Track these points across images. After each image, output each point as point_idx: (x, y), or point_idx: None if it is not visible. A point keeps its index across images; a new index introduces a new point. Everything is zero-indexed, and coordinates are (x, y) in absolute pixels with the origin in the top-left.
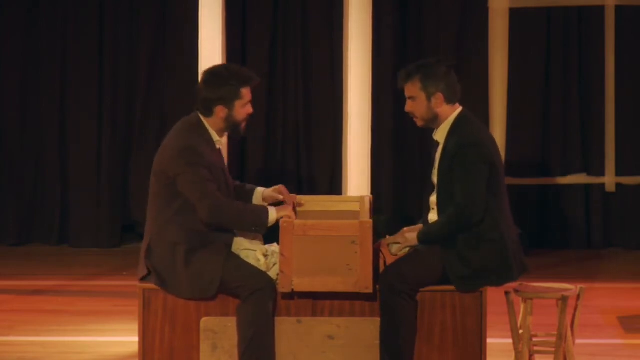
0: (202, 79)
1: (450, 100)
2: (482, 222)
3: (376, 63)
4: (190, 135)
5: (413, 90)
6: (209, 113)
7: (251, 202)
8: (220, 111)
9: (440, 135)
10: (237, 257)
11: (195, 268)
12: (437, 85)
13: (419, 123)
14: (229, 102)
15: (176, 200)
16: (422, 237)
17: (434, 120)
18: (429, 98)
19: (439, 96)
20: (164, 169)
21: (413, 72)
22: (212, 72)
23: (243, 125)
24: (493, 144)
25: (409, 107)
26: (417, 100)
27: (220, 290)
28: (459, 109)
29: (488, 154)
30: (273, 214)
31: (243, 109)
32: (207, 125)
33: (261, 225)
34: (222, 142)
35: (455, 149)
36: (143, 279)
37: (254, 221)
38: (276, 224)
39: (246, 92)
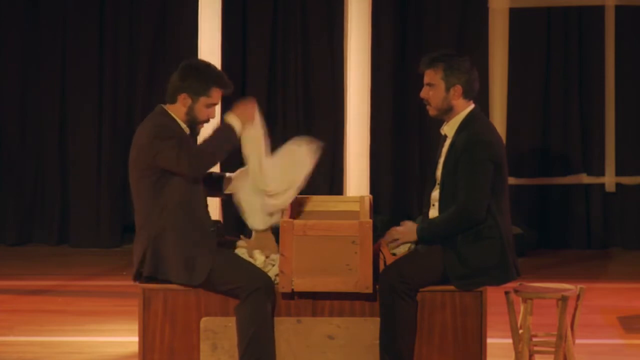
0: (180, 67)
1: (467, 96)
2: (483, 221)
3: (376, 63)
4: (156, 119)
5: (434, 77)
6: (172, 100)
7: (222, 189)
8: (184, 99)
9: (449, 129)
10: (235, 255)
11: (187, 256)
12: (459, 77)
13: (432, 112)
14: (194, 94)
15: (160, 190)
16: (421, 233)
17: (447, 112)
18: (447, 89)
19: (458, 89)
20: (143, 159)
21: (438, 60)
22: (190, 63)
23: (200, 127)
24: (501, 144)
25: (425, 93)
26: (435, 88)
27: (218, 290)
28: (472, 105)
29: (496, 154)
30: (236, 122)
31: (206, 109)
32: (172, 113)
33: (234, 141)
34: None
35: (464, 145)
36: (137, 278)
37: (226, 145)
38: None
39: (216, 94)
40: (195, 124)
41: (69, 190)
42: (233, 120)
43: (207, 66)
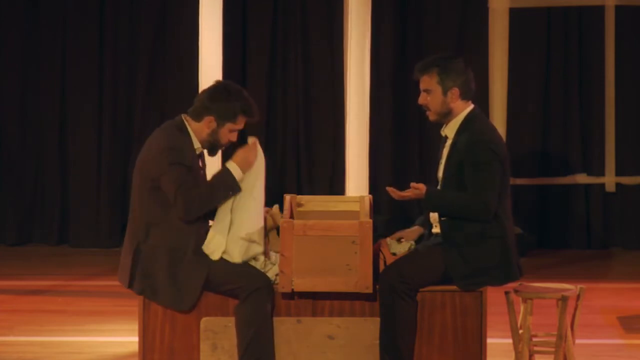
0: (212, 86)
1: (464, 97)
2: (490, 219)
3: (376, 63)
4: (173, 137)
5: (429, 83)
6: (198, 118)
7: None
8: (209, 122)
9: (449, 130)
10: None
11: (177, 278)
12: (455, 80)
13: (432, 117)
14: (221, 118)
15: (160, 201)
16: (429, 195)
17: (447, 115)
18: (445, 92)
19: (455, 91)
20: (148, 170)
21: (431, 65)
22: (225, 85)
23: (221, 149)
24: (503, 144)
25: (422, 99)
26: (432, 94)
27: (218, 291)
28: (471, 106)
29: (500, 153)
30: (237, 171)
31: (230, 133)
32: (190, 130)
33: (234, 189)
34: (201, 149)
35: (467, 145)
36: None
37: (226, 193)
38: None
39: (241, 121)
40: (216, 147)
41: (69, 190)
42: (234, 167)
43: (239, 92)
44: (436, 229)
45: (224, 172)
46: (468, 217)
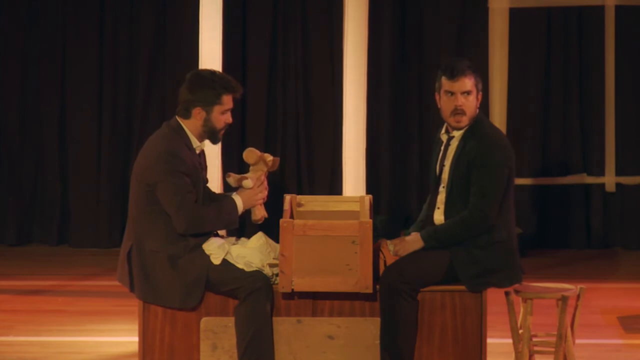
0: (186, 80)
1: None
2: (492, 227)
3: (375, 63)
4: (170, 140)
5: (470, 84)
6: (187, 115)
7: None
8: (198, 113)
9: (457, 132)
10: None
11: (178, 277)
12: (481, 83)
13: (465, 122)
14: (208, 105)
15: (157, 207)
16: (428, 239)
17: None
18: (477, 95)
19: (480, 95)
20: (144, 175)
21: (468, 67)
22: (196, 74)
23: (221, 133)
24: (511, 147)
25: (462, 102)
26: (471, 96)
27: (218, 291)
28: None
29: (509, 157)
30: (240, 205)
31: (222, 116)
32: (186, 129)
33: (234, 223)
34: (202, 147)
35: (479, 149)
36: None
37: (228, 223)
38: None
39: (227, 100)
40: (215, 133)
41: (69, 190)
42: (239, 201)
43: (213, 74)
44: None
45: (230, 201)
46: (476, 234)
